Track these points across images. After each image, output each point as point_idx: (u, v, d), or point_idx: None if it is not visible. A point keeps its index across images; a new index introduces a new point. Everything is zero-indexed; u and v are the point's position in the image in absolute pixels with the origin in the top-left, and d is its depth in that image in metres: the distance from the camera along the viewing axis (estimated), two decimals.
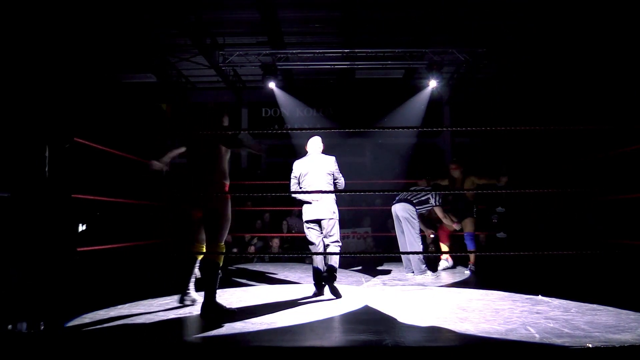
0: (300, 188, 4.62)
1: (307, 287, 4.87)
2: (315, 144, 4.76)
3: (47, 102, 7.51)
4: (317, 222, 4.57)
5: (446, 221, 6.28)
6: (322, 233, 4.57)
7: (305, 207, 4.62)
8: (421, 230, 6.12)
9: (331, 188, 4.58)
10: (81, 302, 3.98)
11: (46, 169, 3.19)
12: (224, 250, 3.75)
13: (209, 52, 9.63)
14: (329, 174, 4.60)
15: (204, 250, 3.83)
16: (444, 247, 6.49)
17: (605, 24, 8.40)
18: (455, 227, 6.29)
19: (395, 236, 6.09)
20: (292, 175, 4.71)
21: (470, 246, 6.22)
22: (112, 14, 8.32)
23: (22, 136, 3.29)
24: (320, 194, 4.46)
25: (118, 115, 10.28)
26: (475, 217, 6.33)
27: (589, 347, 2.62)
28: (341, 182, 4.69)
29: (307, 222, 4.59)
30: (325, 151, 4.77)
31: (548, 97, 11.00)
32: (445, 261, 6.46)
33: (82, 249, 4.61)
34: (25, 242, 3.23)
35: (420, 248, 5.80)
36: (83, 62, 9.41)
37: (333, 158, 4.67)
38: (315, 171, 4.59)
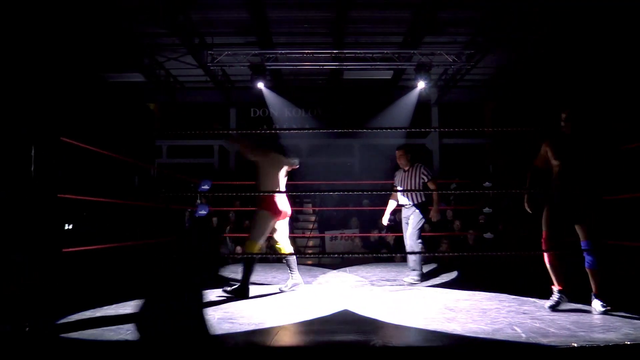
0: None
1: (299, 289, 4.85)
2: None
3: (33, 101, 7.43)
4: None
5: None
6: None
7: None
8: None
9: None
10: (68, 303, 3.94)
11: (32, 169, 3.16)
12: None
13: (198, 52, 9.59)
14: None
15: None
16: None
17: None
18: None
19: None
20: None
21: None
22: (100, 13, 8.26)
23: (8, 136, 3.25)
24: None
25: (105, 115, 10.19)
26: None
27: (574, 347, 2.64)
28: None
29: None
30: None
31: (539, 97, 11.09)
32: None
33: (68, 249, 4.57)
34: (10, 242, 3.19)
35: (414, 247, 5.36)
36: (69, 61, 9.31)
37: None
38: None
